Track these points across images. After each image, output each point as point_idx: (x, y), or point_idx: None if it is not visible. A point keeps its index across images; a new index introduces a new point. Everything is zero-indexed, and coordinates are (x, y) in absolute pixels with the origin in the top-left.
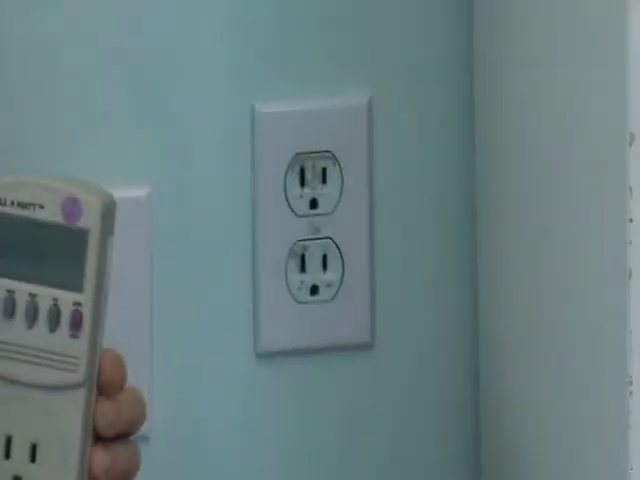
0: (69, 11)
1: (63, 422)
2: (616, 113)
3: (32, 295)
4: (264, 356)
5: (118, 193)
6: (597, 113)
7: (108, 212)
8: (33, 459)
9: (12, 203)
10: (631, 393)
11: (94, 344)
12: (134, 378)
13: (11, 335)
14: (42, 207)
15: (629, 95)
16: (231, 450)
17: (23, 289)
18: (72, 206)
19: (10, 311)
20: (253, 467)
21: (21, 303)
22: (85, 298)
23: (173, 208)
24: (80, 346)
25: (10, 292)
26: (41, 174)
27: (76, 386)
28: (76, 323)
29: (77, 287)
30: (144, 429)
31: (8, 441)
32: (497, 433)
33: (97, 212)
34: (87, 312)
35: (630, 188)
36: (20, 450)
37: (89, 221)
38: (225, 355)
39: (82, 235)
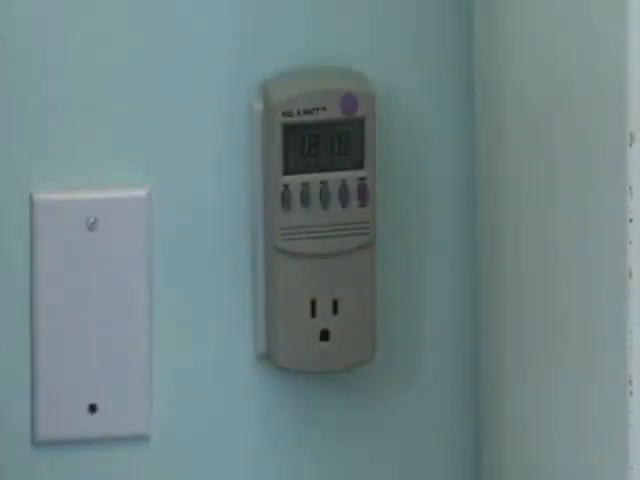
0: (70, 12)
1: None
2: (616, 113)
3: (323, 182)
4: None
5: (118, 193)
6: (597, 113)
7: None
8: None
9: (298, 112)
10: (631, 393)
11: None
12: (134, 378)
13: (309, 219)
14: (324, 109)
15: (629, 95)
16: (231, 450)
17: (315, 179)
18: (350, 101)
19: (306, 200)
20: (253, 466)
21: (315, 191)
22: (368, 172)
23: (173, 208)
24: (368, 212)
25: (304, 184)
26: (316, 76)
27: (368, 245)
28: (363, 194)
29: (359, 165)
30: (144, 429)
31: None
32: (497, 433)
33: (371, 101)
34: (370, 183)
35: (630, 188)
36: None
37: (364, 110)
38: (225, 355)
39: (359, 122)
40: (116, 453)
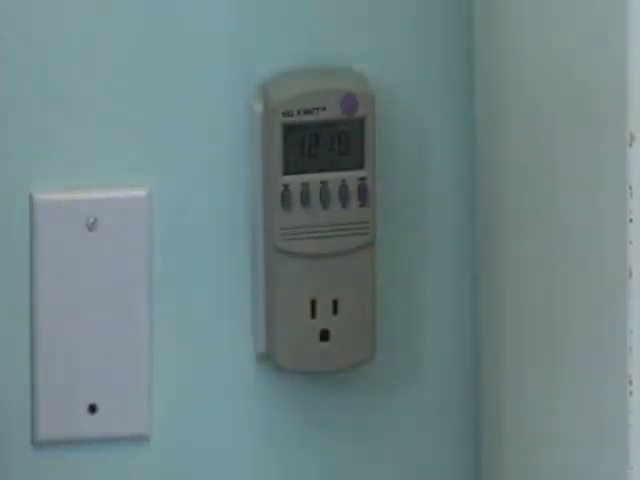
0: (70, 12)
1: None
2: (616, 113)
3: (323, 182)
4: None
5: (118, 193)
6: (597, 113)
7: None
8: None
9: (298, 112)
10: (631, 393)
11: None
12: (134, 378)
13: (309, 219)
14: (324, 109)
15: (629, 95)
16: (231, 450)
17: (315, 179)
18: (350, 101)
19: (306, 200)
20: (253, 466)
21: (315, 191)
22: (368, 172)
23: (173, 208)
24: (368, 212)
25: (304, 185)
26: (316, 76)
27: (368, 245)
28: (363, 194)
29: (359, 165)
30: (144, 429)
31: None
32: (497, 433)
33: (371, 101)
34: (370, 183)
35: (630, 188)
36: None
37: (364, 110)
38: (225, 355)
39: (359, 122)
40: (116, 453)
